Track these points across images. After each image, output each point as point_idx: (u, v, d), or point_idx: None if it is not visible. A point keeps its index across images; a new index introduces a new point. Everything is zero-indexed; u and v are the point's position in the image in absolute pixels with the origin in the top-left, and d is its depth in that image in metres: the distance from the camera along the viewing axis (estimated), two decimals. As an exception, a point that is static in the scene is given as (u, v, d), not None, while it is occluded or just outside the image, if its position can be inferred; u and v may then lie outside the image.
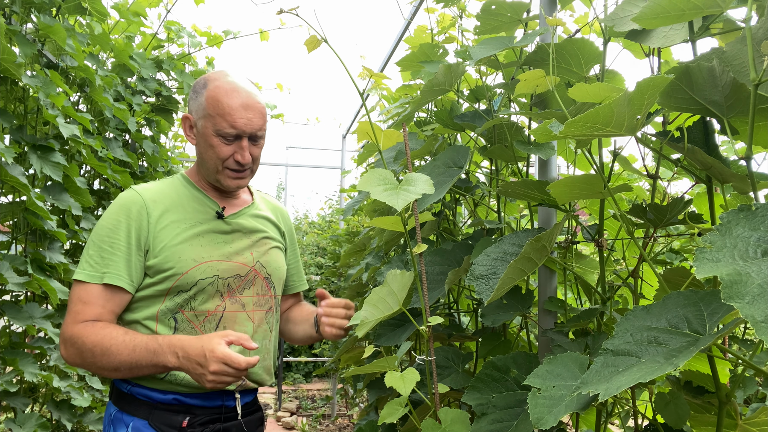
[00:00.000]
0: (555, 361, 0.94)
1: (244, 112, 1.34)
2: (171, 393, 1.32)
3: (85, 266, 1.32)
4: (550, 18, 1.10)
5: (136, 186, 1.40)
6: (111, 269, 1.30)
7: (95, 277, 1.30)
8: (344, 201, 6.26)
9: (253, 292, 1.42)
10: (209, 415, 1.35)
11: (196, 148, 1.41)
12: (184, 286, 1.34)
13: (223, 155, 1.36)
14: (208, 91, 1.36)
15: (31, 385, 2.25)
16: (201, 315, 1.35)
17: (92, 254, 1.32)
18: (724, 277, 0.60)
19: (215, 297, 1.37)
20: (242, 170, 1.39)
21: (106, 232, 1.33)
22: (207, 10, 3.62)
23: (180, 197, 1.41)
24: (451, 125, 1.55)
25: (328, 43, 1.11)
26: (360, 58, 3.41)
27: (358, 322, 1.18)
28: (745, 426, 0.95)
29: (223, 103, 1.33)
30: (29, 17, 2.07)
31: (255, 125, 1.36)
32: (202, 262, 1.35)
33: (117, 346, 1.25)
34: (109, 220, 1.34)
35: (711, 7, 0.90)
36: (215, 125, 1.34)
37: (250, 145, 1.38)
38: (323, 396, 6.45)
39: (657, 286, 1.49)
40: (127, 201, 1.35)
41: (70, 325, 1.29)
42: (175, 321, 1.34)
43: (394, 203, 1.00)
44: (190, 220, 1.39)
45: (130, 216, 1.33)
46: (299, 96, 33.75)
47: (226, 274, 1.38)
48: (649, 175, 1.21)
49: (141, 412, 1.31)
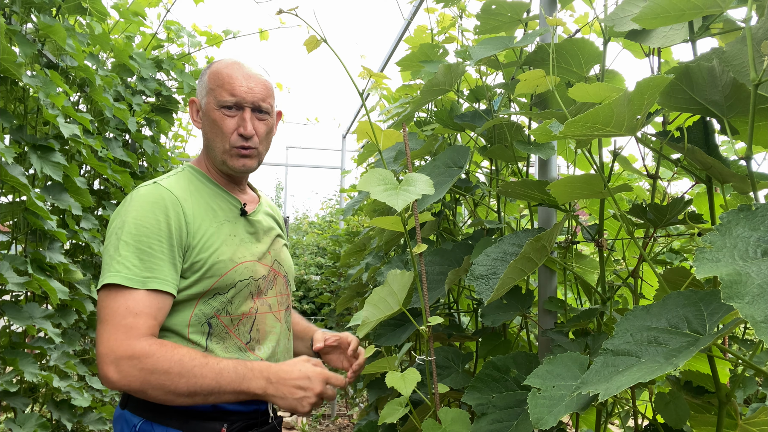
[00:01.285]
0: (555, 361, 0.94)
1: (245, 81, 1.30)
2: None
3: (121, 269, 1.17)
4: (550, 18, 1.10)
5: (160, 182, 1.30)
6: (156, 273, 1.18)
7: (136, 282, 1.16)
8: (344, 201, 6.26)
9: (276, 291, 1.40)
10: (246, 420, 1.28)
11: (202, 132, 1.36)
12: (222, 288, 1.26)
13: (226, 129, 1.30)
14: (211, 69, 1.34)
15: (31, 385, 2.25)
16: (236, 319, 1.29)
17: (127, 255, 1.18)
18: (724, 277, 0.60)
19: (248, 299, 1.31)
20: (248, 148, 1.32)
21: (142, 231, 1.20)
22: (207, 9, 3.62)
23: (202, 193, 1.34)
24: (451, 125, 1.55)
25: (327, 43, 1.11)
26: (360, 57, 3.41)
27: (359, 322, 1.18)
28: (745, 426, 0.95)
29: (223, 74, 1.30)
30: (29, 17, 2.07)
31: (257, 94, 1.31)
32: (239, 263, 1.29)
33: (200, 368, 1.15)
34: (144, 218, 1.22)
35: (711, 7, 0.90)
36: (216, 98, 1.30)
37: (255, 119, 1.32)
38: (323, 396, 6.44)
39: (657, 286, 1.49)
40: (160, 198, 1.25)
41: (127, 341, 1.13)
42: (209, 326, 1.26)
43: (393, 203, 0.99)
44: (220, 218, 1.32)
45: (168, 214, 1.23)
46: (299, 96, 33.74)
47: (257, 275, 1.34)
48: (649, 175, 1.21)
49: (174, 422, 1.21)
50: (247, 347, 1.30)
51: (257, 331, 1.32)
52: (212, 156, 1.36)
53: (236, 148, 1.32)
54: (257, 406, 1.32)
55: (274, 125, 1.42)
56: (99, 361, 1.16)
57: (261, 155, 1.38)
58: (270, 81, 1.37)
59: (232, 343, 1.28)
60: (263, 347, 1.32)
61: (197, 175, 1.37)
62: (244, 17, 41.69)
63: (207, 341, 1.25)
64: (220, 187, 1.37)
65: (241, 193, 1.43)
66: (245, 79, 1.30)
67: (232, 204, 1.37)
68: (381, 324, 1.54)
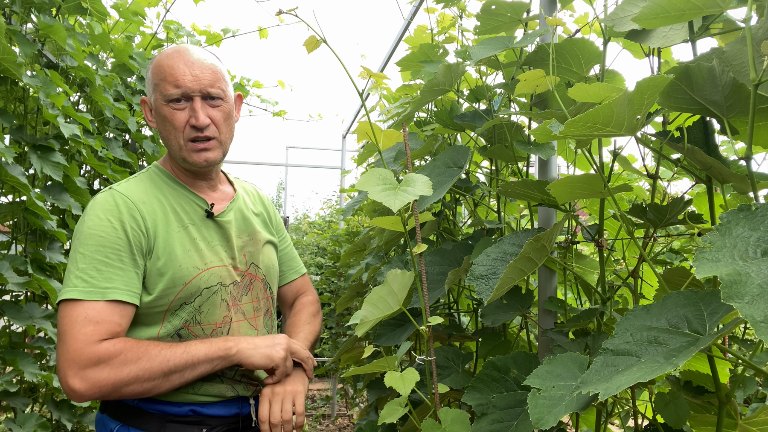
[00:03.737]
0: (555, 361, 0.94)
1: (188, 68, 1.21)
2: (187, 404, 1.23)
3: (78, 283, 1.12)
4: (550, 18, 1.10)
5: (115, 186, 1.23)
6: (116, 284, 1.14)
7: (95, 294, 1.12)
8: (344, 201, 6.26)
9: (251, 297, 1.34)
10: (226, 425, 1.27)
11: (159, 132, 1.28)
12: (187, 298, 1.22)
13: (178, 123, 1.22)
14: (153, 63, 1.25)
15: (31, 385, 2.25)
16: (208, 328, 1.25)
17: (84, 268, 1.13)
18: (723, 277, 0.60)
19: (221, 307, 1.27)
20: (204, 140, 1.24)
21: (98, 241, 1.15)
22: (206, 9, 3.62)
23: (165, 195, 1.27)
24: (451, 125, 1.55)
25: (327, 43, 1.11)
26: (361, 57, 3.41)
27: (358, 321, 1.18)
28: (745, 426, 0.95)
29: (164, 65, 1.22)
30: (29, 17, 2.07)
31: (204, 81, 1.22)
32: (204, 269, 1.24)
33: (169, 347, 1.14)
34: (98, 227, 1.16)
35: (711, 7, 0.90)
36: (162, 93, 1.21)
37: (206, 106, 1.23)
38: (323, 396, 6.45)
39: (657, 286, 1.49)
40: (114, 205, 1.19)
41: (89, 347, 1.08)
42: (179, 337, 1.23)
43: (390, 204, 0.99)
44: (183, 221, 1.26)
45: (123, 220, 1.18)
46: (300, 94, 33.76)
47: (227, 281, 1.29)
48: (649, 175, 1.21)
49: (152, 427, 1.19)
50: None
51: None
52: (172, 155, 1.28)
53: (191, 142, 1.24)
54: (238, 410, 1.29)
55: (233, 110, 1.33)
56: (61, 375, 1.09)
57: (224, 145, 1.30)
58: (218, 64, 1.28)
59: None
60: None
61: (161, 175, 1.31)
62: (244, 16, 41.67)
63: None
64: (184, 187, 1.31)
65: (210, 190, 1.35)
66: (188, 66, 1.21)
67: (197, 205, 1.30)
68: (381, 324, 1.53)
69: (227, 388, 1.28)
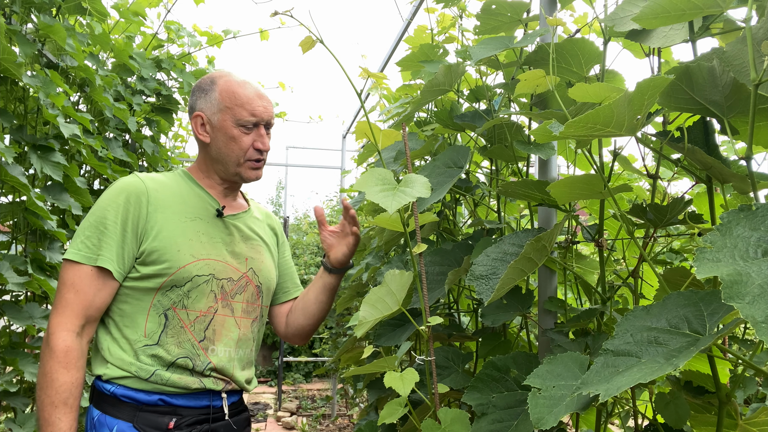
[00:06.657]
0: (555, 361, 0.94)
1: (260, 100, 1.41)
2: (156, 394, 1.30)
3: (80, 246, 1.29)
4: (550, 18, 1.10)
5: (138, 173, 1.40)
6: (104, 252, 1.28)
7: (90, 259, 1.28)
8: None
9: (243, 298, 1.42)
10: (196, 415, 1.33)
11: (210, 144, 1.42)
12: (178, 281, 1.32)
13: (244, 145, 1.40)
14: (221, 87, 1.41)
15: (31, 385, 2.24)
16: (192, 314, 1.34)
17: (89, 235, 1.30)
18: (724, 277, 0.60)
19: (209, 297, 1.36)
20: (261, 160, 1.44)
21: (103, 213, 1.31)
22: (207, 9, 3.63)
23: (181, 190, 1.41)
24: (451, 125, 1.55)
25: (323, 43, 1.11)
26: (361, 57, 3.41)
27: (357, 322, 1.18)
28: (745, 426, 0.95)
29: (240, 94, 1.39)
30: (29, 17, 2.07)
31: (270, 113, 1.43)
32: (199, 259, 1.34)
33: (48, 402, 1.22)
34: (106, 201, 1.32)
35: (711, 7, 0.90)
36: (235, 116, 1.38)
37: (266, 134, 1.43)
38: (323, 396, 6.45)
39: (657, 286, 1.49)
40: (128, 185, 1.34)
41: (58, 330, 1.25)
42: (165, 318, 1.32)
43: (387, 205, 0.99)
44: (190, 213, 1.38)
45: (129, 198, 1.32)
46: (301, 95, 33.76)
47: (221, 275, 1.38)
48: (649, 175, 1.21)
49: (125, 415, 1.29)
50: (200, 345, 1.34)
51: (212, 332, 1.36)
52: (220, 168, 1.44)
53: (251, 161, 1.42)
54: (209, 402, 1.36)
55: None
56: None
57: (264, 163, 1.49)
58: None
59: (186, 338, 1.33)
60: (217, 349, 1.36)
61: (186, 177, 1.46)
62: (245, 16, 41.73)
63: (161, 335, 1.31)
64: (202, 189, 1.45)
65: (228, 198, 1.49)
66: (260, 99, 1.41)
67: (209, 204, 1.43)
68: (381, 324, 1.53)
69: (193, 381, 1.33)
